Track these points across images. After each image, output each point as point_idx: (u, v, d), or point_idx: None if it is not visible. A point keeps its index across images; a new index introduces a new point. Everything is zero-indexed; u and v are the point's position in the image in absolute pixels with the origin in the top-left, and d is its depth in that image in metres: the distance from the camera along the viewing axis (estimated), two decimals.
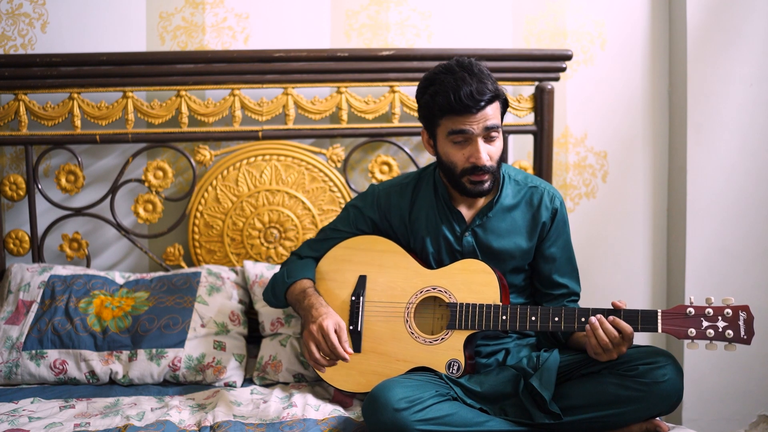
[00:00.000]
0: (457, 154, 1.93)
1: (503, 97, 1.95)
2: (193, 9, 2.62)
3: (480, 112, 1.88)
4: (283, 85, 2.55)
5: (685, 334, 1.74)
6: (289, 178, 2.59)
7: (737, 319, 1.72)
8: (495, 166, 1.94)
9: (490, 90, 1.88)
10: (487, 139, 1.92)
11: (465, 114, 1.88)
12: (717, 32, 2.62)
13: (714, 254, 2.69)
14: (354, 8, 2.68)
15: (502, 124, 1.96)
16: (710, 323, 1.74)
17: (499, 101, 1.93)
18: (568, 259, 2.08)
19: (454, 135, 1.91)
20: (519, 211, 2.04)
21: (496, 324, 1.91)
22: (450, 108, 1.88)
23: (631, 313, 1.81)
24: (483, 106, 1.87)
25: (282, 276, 2.12)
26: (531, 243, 2.04)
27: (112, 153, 2.63)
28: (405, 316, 1.99)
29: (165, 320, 2.27)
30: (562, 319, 1.87)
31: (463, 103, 1.86)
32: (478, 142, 1.90)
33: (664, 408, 1.79)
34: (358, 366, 1.99)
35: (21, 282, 2.37)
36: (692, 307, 1.76)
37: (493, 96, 1.89)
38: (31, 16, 2.56)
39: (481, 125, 1.89)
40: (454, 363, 1.92)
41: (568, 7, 2.75)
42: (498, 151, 1.94)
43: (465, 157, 1.92)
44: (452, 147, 1.93)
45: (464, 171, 1.93)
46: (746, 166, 2.66)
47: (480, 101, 1.86)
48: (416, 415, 1.73)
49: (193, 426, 1.87)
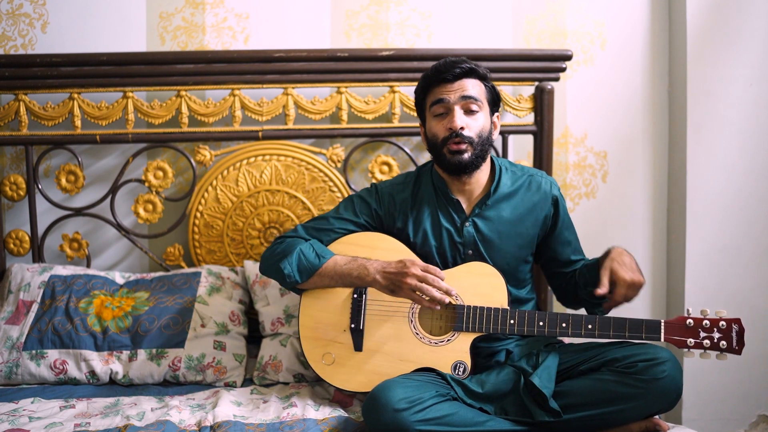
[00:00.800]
0: (438, 125, 2.01)
1: (486, 77, 2.03)
2: (193, 9, 2.62)
3: (457, 82, 1.98)
4: (283, 85, 2.55)
5: (685, 344, 1.85)
6: (289, 178, 2.59)
7: (730, 330, 1.84)
8: (475, 139, 1.98)
9: (467, 64, 1.99)
10: (468, 112, 1.99)
11: (442, 83, 1.99)
12: (717, 32, 2.62)
13: (714, 254, 2.69)
14: (354, 8, 2.68)
15: (491, 108, 2.04)
16: (707, 334, 1.84)
17: (480, 80, 2.02)
18: (576, 237, 2.16)
19: (434, 106, 2.01)
20: (518, 199, 2.07)
21: (504, 328, 1.91)
22: (429, 80, 2.02)
23: (636, 322, 1.86)
24: (458, 73, 1.98)
25: (308, 254, 2.02)
26: (534, 231, 2.07)
27: (112, 153, 2.63)
28: (409, 316, 1.99)
29: (165, 320, 2.27)
30: (569, 324, 1.89)
31: (439, 72, 1.99)
32: (455, 109, 1.98)
33: (663, 405, 1.80)
34: (360, 365, 1.98)
35: (21, 282, 2.37)
36: (691, 318, 1.86)
37: (471, 69, 1.99)
38: (31, 16, 2.56)
39: (457, 94, 1.98)
40: (460, 365, 1.92)
41: (568, 7, 2.75)
42: (479, 126, 2.00)
43: (444, 127, 2.00)
44: (435, 121, 2.02)
45: (444, 140, 1.99)
46: (746, 166, 2.66)
47: (454, 68, 1.98)
48: (416, 415, 1.73)
49: (193, 426, 1.87)
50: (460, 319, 1.93)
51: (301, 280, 2.02)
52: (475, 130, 1.98)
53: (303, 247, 2.03)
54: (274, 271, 2.06)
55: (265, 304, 2.38)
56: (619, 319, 1.87)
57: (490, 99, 2.04)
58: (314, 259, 2.01)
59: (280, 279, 2.05)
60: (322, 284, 2.03)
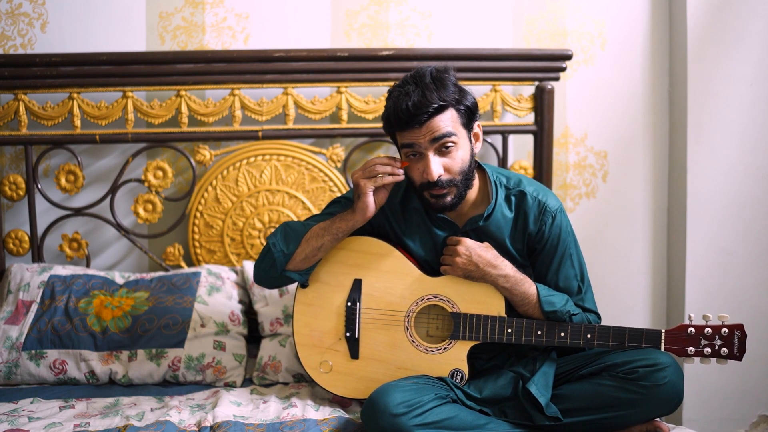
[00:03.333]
0: (413, 168, 1.85)
1: (464, 103, 1.83)
2: (193, 9, 2.62)
3: (425, 125, 1.78)
4: (283, 85, 2.55)
5: (685, 353, 1.85)
6: (289, 178, 2.59)
7: (732, 337, 1.83)
8: (456, 178, 1.83)
9: (432, 101, 1.76)
10: (441, 152, 1.81)
11: (410, 128, 1.79)
12: (717, 32, 2.62)
13: (714, 253, 2.68)
14: (354, 8, 2.67)
15: (471, 130, 1.87)
16: (708, 342, 1.85)
17: (455, 109, 1.81)
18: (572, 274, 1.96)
19: (405, 149, 1.84)
20: (512, 216, 1.95)
21: (501, 336, 1.89)
22: (394, 123, 1.82)
23: (636, 332, 1.85)
24: (425, 119, 1.77)
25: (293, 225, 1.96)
26: (520, 246, 1.96)
27: (112, 153, 2.63)
28: (405, 324, 1.96)
29: (165, 320, 2.27)
30: (567, 334, 1.87)
31: (401, 119, 1.79)
32: (429, 156, 1.80)
33: (664, 410, 1.79)
34: (356, 372, 1.97)
35: (21, 282, 2.37)
36: (692, 327, 1.85)
37: (440, 106, 1.78)
38: (30, 15, 2.56)
39: (427, 138, 1.79)
40: (457, 373, 1.91)
41: (568, 7, 2.75)
42: (458, 163, 1.82)
43: (419, 172, 1.83)
44: (409, 161, 1.85)
45: (422, 186, 1.85)
46: (746, 166, 2.66)
47: (418, 115, 1.76)
48: (415, 419, 1.72)
49: (193, 426, 1.86)
50: (457, 327, 1.91)
51: (288, 249, 1.91)
52: (456, 169, 1.82)
53: (288, 223, 1.98)
54: (262, 260, 1.95)
55: (264, 304, 2.38)
56: (619, 329, 1.85)
57: (465, 121, 1.84)
58: (299, 226, 1.94)
59: (269, 265, 1.94)
60: (310, 250, 1.91)
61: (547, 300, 1.89)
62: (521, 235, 1.95)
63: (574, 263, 1.97)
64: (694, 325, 1.84)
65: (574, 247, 1.98)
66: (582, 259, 2.00)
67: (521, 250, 1.97)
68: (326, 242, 1.92)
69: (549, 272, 1.96)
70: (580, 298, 1.97)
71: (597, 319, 1.99)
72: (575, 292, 1.96)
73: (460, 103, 1.82)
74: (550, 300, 1.89)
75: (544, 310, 1.88)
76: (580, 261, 1.99)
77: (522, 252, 1.97)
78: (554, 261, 1.95)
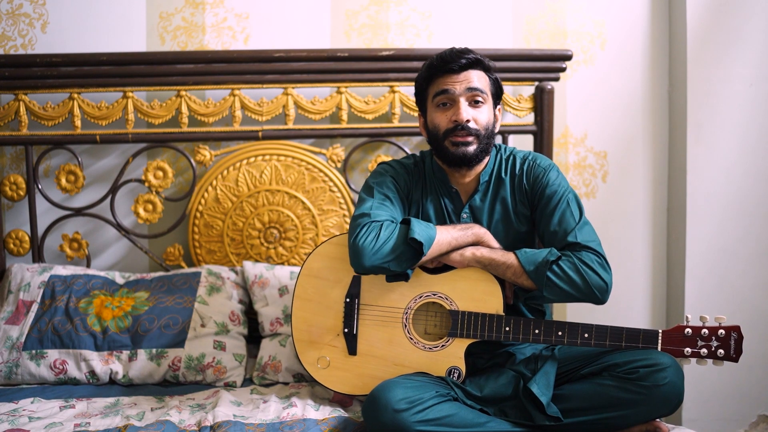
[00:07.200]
0: (441, 116, 1.97)
1: (491, 69, 1.98)
2: (193, 9, 2.62)
3: (462, 73, 1.94)
4: (283, 85, 2.55)
5: (682, 354, 1.85)
6: (289, 178, 2.59)
7: (729, 339, 1.84)
8: (481, 132, 1.95)
9: (473, 54, 1.94)
10: (473, 104, 1.95)
11: (447, 74, 1.94)
12: (717, 32, 2.62)
13: (714, 253, 2.69)
14: (354, 8, 2.68)
15: (494, 101, 2.00)
16: (705, 343, 1.85)
17: (485, 71, 1.97)
18: (571, 218, 1.93)
19: (438, 97, 1.96)
20: (511, 184, 2.02)
21: (499, 335, 1.90)
22: (434, 70, 1.96)
23: (633, 332, 1.85)
24: (464, 64, 1.93)
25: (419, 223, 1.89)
26: (525, 210, 2.02)
27: (112, 153, 2.63)
28: (403, 320, 1.97)
29: (165, 320, 2.27)
30: (565, 333, 1.87)
31: (445, 62, 1.94)
32: (461, 101, 1.94)
33: (664, 410, 1.79)
34: (353, 369, 1.98)
35: (21, 282, 2.37)
36: (689, 328, 1.86)
37: (477, 60, 1.94)
38: (31, 16, 2.56)
39: (463, 85, 1.94)
40: (454, 370, 1.92)
41: (568, 7, 2.75)
42: (485, 119, 1.96)
43: (448, 118, 1.95)
44: (437, 111, 1.97)
45: (447, 132, 1.95)
46: (746, 166, 2.66)
47: (460, 59, 1.93)
48: (416, 416, 1.73)
49: (193, 426, 1.87)
50: (455, 324, 1.92)
51: (425, 251, 1.86)
52: (482, 123, 1.95)
53: (412, 220, 1.89)
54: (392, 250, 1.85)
55: (264, 304, 2.38)
56: (617, 329, 1.86)
57: (493, 91, 2.00)
58: (426, 227, 1.88)
59: (402, 256, 1.85)
60: (438, 251, 1.88)
61: (526, 260, 1.87)
62: (522, 196, 2.01)
63: (575, 214, 1.94)
64: (691, 326, 1.85)
65: (575, 203, 1.97)
66: (585, 215, 1.96)
67: (526, 215, 2.01)
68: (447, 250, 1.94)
69: (551, 226, 1.94)
70: (573, 234, 1.91)
71: (592, 255, 1.88)
72: (570, 230, 1.92)
73: (491, 71, 2.00)
74: (529, 259, 1.87)
75: (526, 269, 1.86)
76: (581, 212, 1.96)
77: (527, 216, 2.01)
78: (555, 215, 1.94)
